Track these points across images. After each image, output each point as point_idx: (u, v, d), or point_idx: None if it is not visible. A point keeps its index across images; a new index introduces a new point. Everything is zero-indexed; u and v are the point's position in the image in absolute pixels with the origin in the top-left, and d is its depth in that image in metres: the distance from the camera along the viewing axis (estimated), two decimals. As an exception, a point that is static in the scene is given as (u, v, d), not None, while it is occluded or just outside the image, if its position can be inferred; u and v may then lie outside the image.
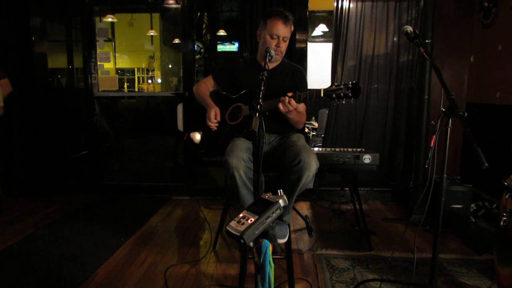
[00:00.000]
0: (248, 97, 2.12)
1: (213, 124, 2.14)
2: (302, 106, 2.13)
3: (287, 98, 1.85)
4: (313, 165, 1.88)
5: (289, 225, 2.11)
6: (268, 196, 1.09)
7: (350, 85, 1.71)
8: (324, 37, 3.62)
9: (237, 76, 2.26)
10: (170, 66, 7.00)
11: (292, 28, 2.14)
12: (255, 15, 3.42)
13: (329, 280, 2.06)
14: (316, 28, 3.65)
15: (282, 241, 2.01)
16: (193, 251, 2.48)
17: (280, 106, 1.87)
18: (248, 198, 1.94)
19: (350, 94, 1.70)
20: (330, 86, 1.76)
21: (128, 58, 7.40)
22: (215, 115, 2.13)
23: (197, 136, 2.32)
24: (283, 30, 2.08)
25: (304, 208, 3.43)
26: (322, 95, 1.78)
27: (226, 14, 7.29)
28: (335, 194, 3.63)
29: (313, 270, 2.21)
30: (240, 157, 1.90)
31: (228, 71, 2.34)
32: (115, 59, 6.64)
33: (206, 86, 2.34)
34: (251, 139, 2.03)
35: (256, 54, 2.30)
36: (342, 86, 1.72)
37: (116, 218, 3.15)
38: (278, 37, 2.09)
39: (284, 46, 2.14)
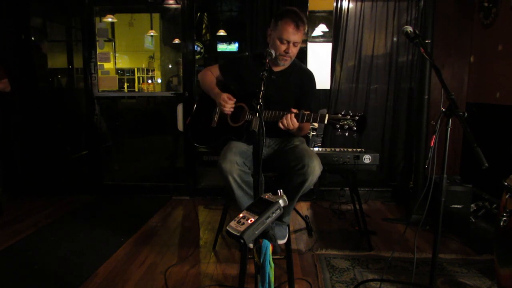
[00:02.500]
0: (252, 98, 2.07)
1: (229, 105, 2.02)
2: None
3: (289, 116, 1.76)
4: (317, 170, 1.87)
5: (288, 226, 2.11)
6: (268, 196, 1.09)
7: (357, 118, 1.62)
8: (324, 37, 3.62)
9: (243, 72, 2.17)
10: (170, 66, 6.99)
11: (306, 30, 2.00)
12: (255, 15, 3.42)
13: (329, 280, 2.06)
14: (316, 28, 3.64)
15: (281, 242, 2.01)
16: (193, 251, 2.48)
17: (281, 125, 1.80)
18: (245, 200, 1.93)
19: (355, 127, 1.62)
20: (336, 114, 1.67)
21: (128, 58, 7.39)
22: (229, 97, 2.02)
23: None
24: (294, 35, 1.93)
25: (304, 208, 3.42)
26: (325, 122, 1.69)
27: (226, 14, 7.29)
28: (335, 194, 3.63)
29: (313, 270, 2.21)
30: (234, 161, 1.88)
31: (235, 65, 2.23)
32: (115, 59, 6.63)
33: (212, 74, 2.25)
34: (251, 143, 2.00)
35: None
36: (348, 116, 1.64)
37: (116, 218, 3.15)
38: (288, 42, 1.95)
39: (294, 51, 2.00)
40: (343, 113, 1.66)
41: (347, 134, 1.66)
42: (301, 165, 1.86)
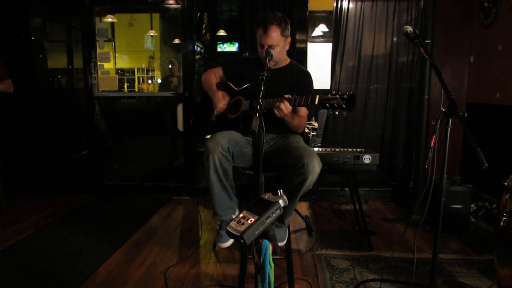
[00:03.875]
0: (250, 92, 2.14)
1: (222, 104, 2.17)
2: (304, 111, 2.12)
3: (281, 103, 1.82)
4: (317, 168, 1.89)
5: (289, 226, 2.11)
6: (268, 196, 1.09)
7: (345, 96, 1.68)
8: (324, 37, 3.63)
9: (244, 71, 2.28)
10: (170, 66, 6.99)
11: (281, 31, 2.05)
12: (255, 15, 3.42)
13: (329, 280, 2.06)
14: (316, 28, 3.65)
15: (280, 244, 2.01)
16: (193, 251, 2.48)
17: (275, 111, 1.85)
18: (217, 187, 2.02)
19: (344, 105, 1.68)
20: (326, 94, 1.74)
21: (128, 58, 7.38)
22: (223, 95, 2.18)
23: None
24: (265, 38, 2.04)
25: (304, 208, 3.43)
26: (316, 102, 1.75)
27: (226, 14, 7.29)
28: (335, 194, 3.63)
29: (313, 270, 2.21)
30: (219, 143, 1.95)
31: (237, 65, 2.38)
32: (115, 59, 6.63)
33: (214, 75, 2.39)
34: (247, 134, 2.11)
35: None
36: (337, 96, 1.69)
37: (116, 218, 3.15)
38: (263, 46, 2.06)
39: (275, 52, 2.05)
40: (332, 93, 1.73)
41: (337, 112, 1.71)
42: (301, 164, 1.86)
